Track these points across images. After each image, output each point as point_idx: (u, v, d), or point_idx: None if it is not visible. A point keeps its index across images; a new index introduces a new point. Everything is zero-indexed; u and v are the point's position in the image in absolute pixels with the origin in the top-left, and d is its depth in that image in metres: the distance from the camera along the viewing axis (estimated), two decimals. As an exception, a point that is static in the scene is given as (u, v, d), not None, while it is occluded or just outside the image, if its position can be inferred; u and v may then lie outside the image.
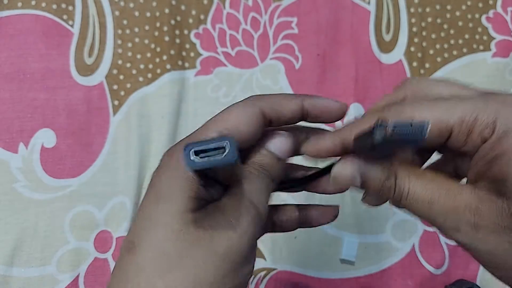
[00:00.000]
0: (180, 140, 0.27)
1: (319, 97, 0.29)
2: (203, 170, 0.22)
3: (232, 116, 0.27)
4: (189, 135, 0.27)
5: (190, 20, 0.51)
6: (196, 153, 0.22)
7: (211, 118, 0.27)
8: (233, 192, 0.26)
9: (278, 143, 0.28)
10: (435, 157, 0.29)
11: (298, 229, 0.32)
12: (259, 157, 0.28)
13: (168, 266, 0.23)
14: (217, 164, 0.22)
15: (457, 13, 0.52)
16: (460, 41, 0.52)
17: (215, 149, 0.22)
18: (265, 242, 0.46)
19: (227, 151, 0.22)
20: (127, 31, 0.50)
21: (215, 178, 0.26)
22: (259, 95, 0.28)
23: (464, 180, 0.26)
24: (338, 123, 0.30)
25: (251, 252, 0.26)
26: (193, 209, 0.25)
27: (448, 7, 0.52)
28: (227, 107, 0.27)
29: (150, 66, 0.49)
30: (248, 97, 0.28)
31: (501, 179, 0.22)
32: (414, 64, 0.51)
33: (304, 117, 0.29)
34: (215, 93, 0.49)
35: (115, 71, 0.49)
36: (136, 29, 0.50)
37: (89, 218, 0.45)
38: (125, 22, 0.50)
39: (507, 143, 0.22)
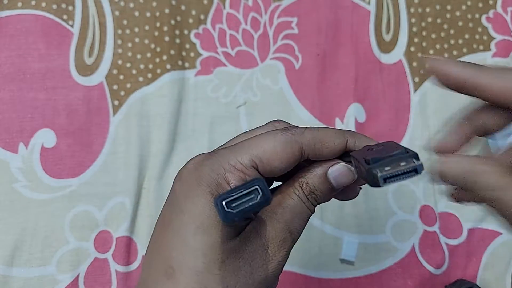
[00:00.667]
0: (208, 154, 0.26)
1: (362, 135, 0.28)
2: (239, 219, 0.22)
3: (269, 146, 0.25)
4: (219, 149, 0.26)
5: (190, 20, 0.51)
6: (228, 202, 0.22)
7: (246, 138, 0.26)
8: (273, 217, 0.26)
9: (340, 175, 0.27)
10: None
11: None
12: (314, 180, 0.27)
13: None
14: (252, 210, 0.22)
15: (457, 13, 0.52)
16: (460, 41, 0.52)
17: (246, 194, 0.22)
18: (265, 242, 0.46)
19: (260, 194, 0.22)
20: (127, 31, 0.50)
21: (247, 217, 0.26)
22: (303, 128, 0.27)
23: None
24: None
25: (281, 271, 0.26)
26: (231, 237, 0.25)
27: (448, 7, 0.52)
28: (266, 132, 0.26)
29: (150, 66, 0.49)
30: (291, 128, 0.27)
31: None
32: (414, 64, 0.51)
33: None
34: (215, 93, 0.49)
35: (115, 71, 0.49)
36: (136, 29, 0.50)
37: (89, 218, 0.45)
38: (125, 22, 0.50)
39: None
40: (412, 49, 0.51)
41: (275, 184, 0.29)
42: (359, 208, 0.47)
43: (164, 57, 0.49)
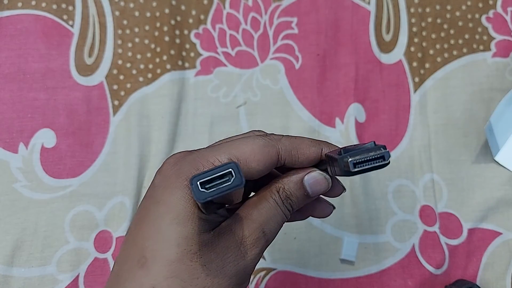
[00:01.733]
0: (189, 151, 0.27)
1: (336, 146, 0.29)
2: (212, 200, 0.23)
3: (248, 148, 0.27)
4: (200, 150, 0.27)
5: (190, 20, 0.51)
6: (202, 183, 0.22)
7: (226, 141, 0.28)
8: (248, 217, 0.27)
9: (315, 182, 0.28)
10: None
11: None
12: (290, 186, 0.28)
13: (181, 287, 0.24)
14: (226, 191, 0.22)
15: (457, 13, 0.52)
16: (460, 41, 0.52)
17: (219, 176, 0.23)
18: (265, 242, 0.46)
19: (234, 177, 0.23)
20: (127, 31, 0.50)
21: (221, 202, 0.26)
22: (280, 135, 0.28)
23: None
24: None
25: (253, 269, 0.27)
26: (205, 230, 0.25)
27: (448, 7, 0.53)
28: (246, 136, 0.28)
29: (150, 66, 0.49)
30: (270, 135, 0.28)
31: None
32: (414, 64, 0.51)
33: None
34: (215, 93, 0.49)
35: (115, 71, 0.49)
36: (136, 29, 0.50)
37: (89, 218, 0.45)
38: (125, 22, 0.50)
39: None
40: (412, 49, 0.51)
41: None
42: (359, 208, 0.47)
43: (164, 57, 0.49)
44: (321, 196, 0.30)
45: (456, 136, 0.50)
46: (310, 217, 0.32)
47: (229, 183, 0.22)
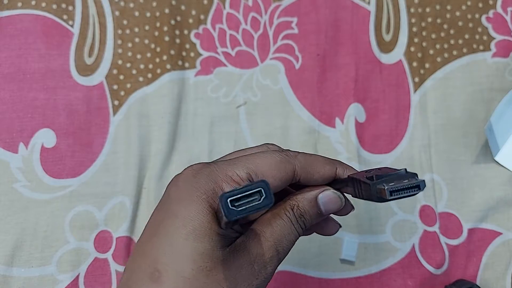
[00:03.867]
0: (206, 163, 0.27)
1: (350, 166, 0.30)
2: (241, 218, 0.23)
3: (265, 164, 0.27)
4: (217, 161, 0.27)
5: (190, 20, 0.51)
6: (231, 201, 0.22)
7: (242, 154, 0.28)
8: (262, 234, 0.26)
9: (329, 201, 0.28)
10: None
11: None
12: (304, 203, 0.28)
13: None
14: (256, 210, 0.22)
15: (457, 13, 0.52)
16: (460, 41, 0.52)
17: (248, 195, 0.23)
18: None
19: (264, 196, 0.22)
20: (127, 31, 0.50)
21: (245, 220, 0.27)
22: (296, 152, 0.28)
23: None
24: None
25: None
26: (220, 246, 0.25)
27: (448, 7, 0.53)
28: (262, 150, 0.28)
29: (150, 66, 0.49)
30: (286, 151, 0.28)
31: None
32: (414, 64, 0.51)
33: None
34: (215, 93, 0.49)
35: (115, 71, 0.49)
36: (136, 29, 0.50)
37: (89, 218, 0.45)
38: (125, 22, 0.50)
39: None
40: (412, 49, 0.51)
41: None
42: (359, 208, 0.47)
43: (164, 57, 0.49)
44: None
45: (456, 136, 0.50)
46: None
47: (259, 202, 0.22)
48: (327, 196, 0.28)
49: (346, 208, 0.30)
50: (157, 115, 0.48)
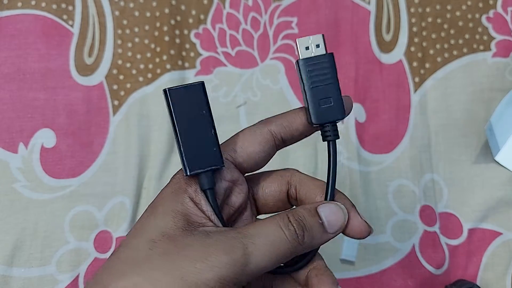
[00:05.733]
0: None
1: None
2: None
3: (239, 138, 0.27)
4: None
5: (190, 20, 0.51)
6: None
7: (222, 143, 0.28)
8: (236, 229, 0.25)
9: (332, 212, 0.26)
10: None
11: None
12: (301, 210, 0.25)
13: (129, 270, 0.23)
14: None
15: (457, 13, 0.52)
16: (460, 41, 0.52)
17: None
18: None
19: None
20: (127, 31, 0.50)
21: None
22: (268, 117, 0.28)
23: None
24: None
25: None
26: (178, 227, 0.24)
27: (448, 7, 0.52)
28: (238, 132, 0.28)
29: (150, 66, 0.49)
30: (258, 122, 0.28)
31: None
32: (414, 64, 0.51)
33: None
34: (215, 93, 0.49)
35: (115, 71, 0.49)
36: (136, 29, 0.50)
37: (89, 218, 0.45)
38: (125, 22, 0.50)
39: None
40: (412, 49, 0.51)
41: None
42: (359, 208, 0.47)
43: (164, 57, 0.49)
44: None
45: (456, 136, 0.49)
46: None
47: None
48: (327, 206, 0.26)
49: (361, 228, 0.28)
50: (157, 115, 0.48)
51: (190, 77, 0.50)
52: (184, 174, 0.26)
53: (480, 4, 0.53)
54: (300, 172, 0.29)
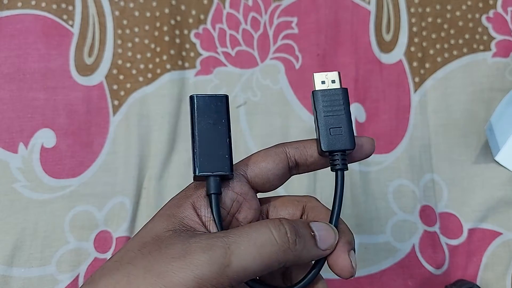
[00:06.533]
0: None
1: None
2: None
3: (254, 155, 0.28)
4: None
5: (190, 20, 0.51)
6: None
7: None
8: (224, 231, 0.24)
9: (322, 228, 0.26)
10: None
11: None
12: (295, 221, 0.25)
13: (115, 268, 0.24)
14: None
15: (457, 13, 0.52)
16: (460, 41, 0.52)
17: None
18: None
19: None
20: (127, 31, 0.50)
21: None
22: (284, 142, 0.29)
23: None
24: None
25: None
26: (169, 229, 0.24)
27: (448, 7, 0.52)
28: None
29: (150, 66, 0.49)
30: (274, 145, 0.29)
31: None
32: (414, 64, 0.51)
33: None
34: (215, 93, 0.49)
35: (115, 71, 0.49)
36: (136, 29, 0.50)
37: (89, 218, 0.45)
38: (125, 22, 0.50)
39: None
40: (412, 49, 0.51)
41: None
42: (359, 208, 0.47)
43: (164, 57, 0.49)
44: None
45: (456, 136, 0.49)
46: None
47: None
48: (319, 223, 0.26)
49: (344, 265, 0.27)
50: (157, 115, 0.48)
51: (190, 77, 0.50)
52: (193, 174, 0.26)
53: (480, 4, 0.53)
54: (318, 200, 0.29)
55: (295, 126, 0.49)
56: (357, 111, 0.49)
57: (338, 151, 0.27)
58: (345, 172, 0.28)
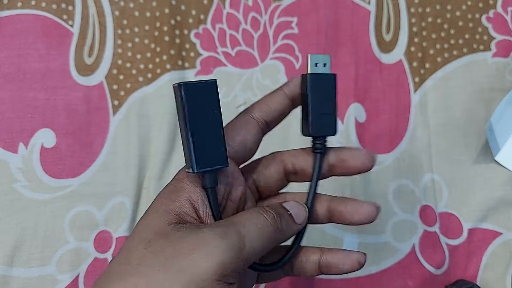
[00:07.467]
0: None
1: (297, 79, 0.31)
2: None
3: (228, 134, 0.28)
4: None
5: (190, 20, 0.51)
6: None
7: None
8: (225, 220, 0.26)
9: (294, 206, 0.28)
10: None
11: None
12: (275, 205, 0.28)
13: (126, 271, 0.23)
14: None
15: (457, 13, 0.52)
16: (460, 41, 0.52)
17: None
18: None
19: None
20: (127, 31, 0.50)
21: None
22: (248, 107, 0.30)
23: None
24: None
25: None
26: (170, 224, 0.24)
27: (448, 7, 0.52)
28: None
29: (150, 66, 0.49)
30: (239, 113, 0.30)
31: None
32: (414, 64, 0.51)
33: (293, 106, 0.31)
34: (215, 93, 0.49)
35: (115, 71, 0.49)
36: (136, 29, 0.50)
37: (89, 218, 0.45)
38: (125, 22, 0.50)
39: None
40: (412, 49, 0.51)
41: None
42: (359, 208, 0.47)
43: (164, 57, 0.49)
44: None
45: (457, 136, 0.49)
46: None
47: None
48: (289, 203, 0.28)
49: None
50: (157, 115, 0.48)
51: (190, 77, 0.50)
52: (191, 171, 0.26)
53: (480, 4, 0.53)
54: (285, 150, 0.31)
55: (295, 126, 0.49)
56: (357, 111, 0.49)
57: (322, 137, 0.29)
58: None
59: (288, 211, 0.28)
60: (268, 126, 0.30)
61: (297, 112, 0.50)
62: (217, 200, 0.26)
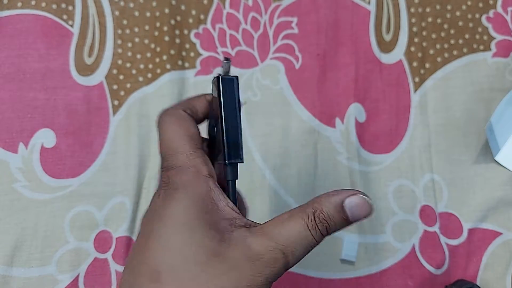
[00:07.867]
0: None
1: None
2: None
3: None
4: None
5: (190, 20, 0.51)
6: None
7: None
8: (268, 233, 0.25)
9: (358, 207, 0.25)
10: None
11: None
12: (329, 208, 0.25)
13: None
14: None
15: (457, 13, 0.52)
16: (460, 41, 0.52)
17: None
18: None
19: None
20: (127, 31, 0.50)
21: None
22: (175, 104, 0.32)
23: None
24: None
25: None
26: (214, 238, 0.24)
27: (448, 7, 0.52)
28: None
29: (150, 66, 0.49)
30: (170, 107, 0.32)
31: None
32: (414, 64, 0.51)
33: None
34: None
35: (115, 71, 0.49)
36: (136, 29, 0.50)
37: (89, 218, 0.45)
38: (125, 22, 0.50)
39: None
40: (412, 49, 0.51)
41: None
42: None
43: (164, 57, 0.49)
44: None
45: (457, 136, 0.49)
46: None
47: None
48: (355, 201, 0.25)
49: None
50: (157, 115, 0.48)
51: (190, 77, 0.50)
52: (224, 162, 0.27)
53: (480, 4, 0.53)
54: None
55: (295, 126, 0.49)
56: (357, 111, 0.49)
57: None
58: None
59: (345, 215, 0.25)
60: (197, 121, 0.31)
61: (297, 112, 0.50)
62: (236, 192, 0.27)
